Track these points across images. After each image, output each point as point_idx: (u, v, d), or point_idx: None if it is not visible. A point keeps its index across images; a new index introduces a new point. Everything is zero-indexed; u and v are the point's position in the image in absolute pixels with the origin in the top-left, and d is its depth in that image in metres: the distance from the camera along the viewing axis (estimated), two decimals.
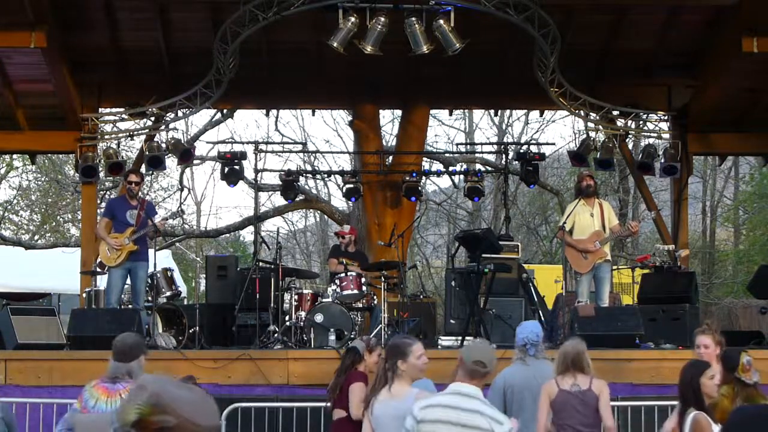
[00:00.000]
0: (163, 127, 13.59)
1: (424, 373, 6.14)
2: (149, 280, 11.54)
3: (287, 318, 11.62)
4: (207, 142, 24.07)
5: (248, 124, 66.10)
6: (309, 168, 23.56)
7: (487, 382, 6.40)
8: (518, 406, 6.76)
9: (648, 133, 15.24)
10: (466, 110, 25.87)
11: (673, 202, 14.86)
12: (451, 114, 24.52)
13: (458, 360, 5.25)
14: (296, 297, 11.77)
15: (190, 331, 11.27)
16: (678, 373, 5.68)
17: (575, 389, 6.48)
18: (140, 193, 11.77)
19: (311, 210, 28.15)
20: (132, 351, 5.99)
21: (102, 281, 12.10)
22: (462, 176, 17.66)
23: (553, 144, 24.78)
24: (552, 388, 6.54)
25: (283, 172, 16.06)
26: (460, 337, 11.10)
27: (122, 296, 11.48)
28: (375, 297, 12.16)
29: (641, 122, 14.47)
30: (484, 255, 11.47)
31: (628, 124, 14.41)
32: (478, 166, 19.41)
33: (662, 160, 13.91)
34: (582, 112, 13.69)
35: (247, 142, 17.75)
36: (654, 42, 13.85)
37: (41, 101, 13.32)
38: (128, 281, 11.29)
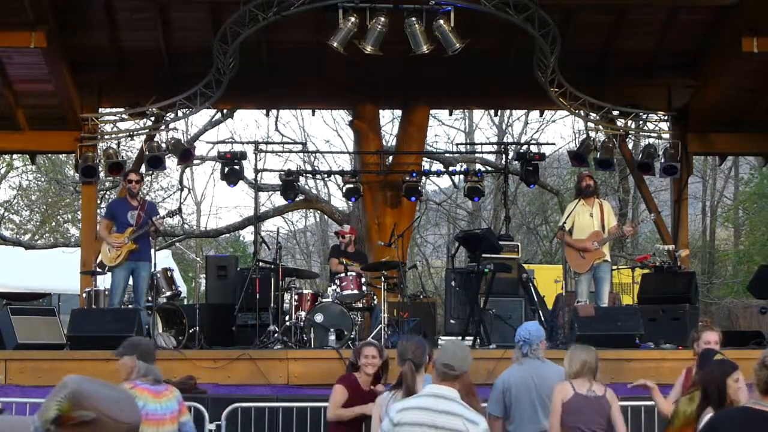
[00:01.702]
0: (163, 127, 13.59)
1: None
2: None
3: (287, 318, 11.60)
4: (207, 142, 24.12)
5: (248, 124, 66.02)
6: (309, 168, 23.54)
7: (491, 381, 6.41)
8: (515, 407, 6.76)
9: (648, 133, 15.23)
10: (466, 110, 25.87)
11: (673, 202, 14.86)
12: (451, 114, 24.54)
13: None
14: (296, 297, 11.75)
15: (190, 331, 11.26)
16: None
17: (591, 394, 6.48)
18: (140, 193, 11.77)
19: (311, 210, 28.13)
20: (154, 353, 6.26)
21: (102, 281, 12.09)
22: (462, 176, 17.66)
23: (553, 144, 24.79)
24: (566, 391, 6.48)
25: (283, 172, 16.04)
26: (460, 337, 11.10)
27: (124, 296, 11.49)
28: (375, 297, 12.15)
29: (641, 122, 14.46)
30: (484, 255, 11.48)
31: (628, 124, 14.41)
32: (478, 166, 19.39)
33: (662, 160, 13.91)
34: (582, 112, 13.69)
35: (247, 142, 17.73)
36: (654, 42, 13.86)
37: (41, 101, 13.32)
38: (131, 281, 11.29)
